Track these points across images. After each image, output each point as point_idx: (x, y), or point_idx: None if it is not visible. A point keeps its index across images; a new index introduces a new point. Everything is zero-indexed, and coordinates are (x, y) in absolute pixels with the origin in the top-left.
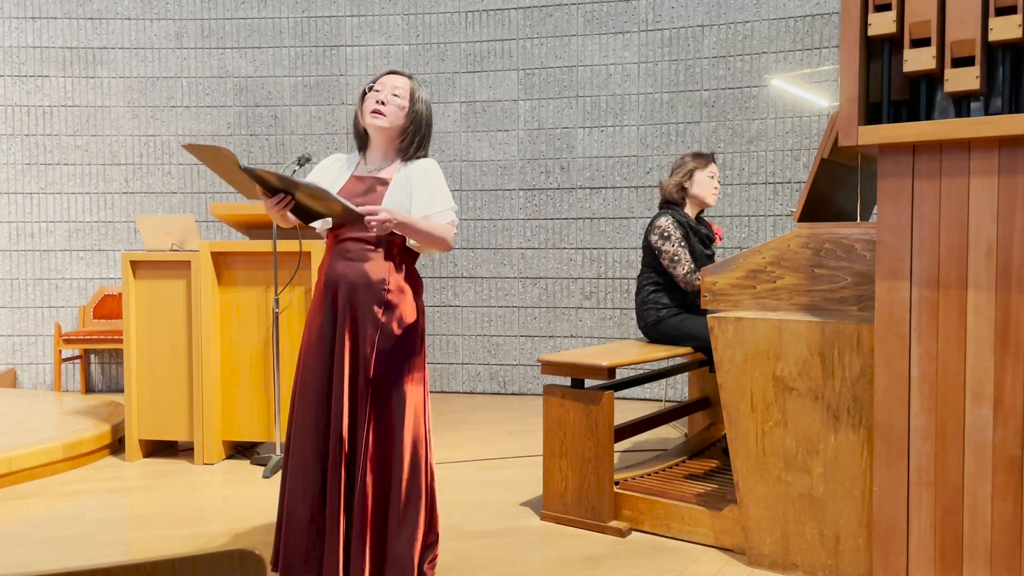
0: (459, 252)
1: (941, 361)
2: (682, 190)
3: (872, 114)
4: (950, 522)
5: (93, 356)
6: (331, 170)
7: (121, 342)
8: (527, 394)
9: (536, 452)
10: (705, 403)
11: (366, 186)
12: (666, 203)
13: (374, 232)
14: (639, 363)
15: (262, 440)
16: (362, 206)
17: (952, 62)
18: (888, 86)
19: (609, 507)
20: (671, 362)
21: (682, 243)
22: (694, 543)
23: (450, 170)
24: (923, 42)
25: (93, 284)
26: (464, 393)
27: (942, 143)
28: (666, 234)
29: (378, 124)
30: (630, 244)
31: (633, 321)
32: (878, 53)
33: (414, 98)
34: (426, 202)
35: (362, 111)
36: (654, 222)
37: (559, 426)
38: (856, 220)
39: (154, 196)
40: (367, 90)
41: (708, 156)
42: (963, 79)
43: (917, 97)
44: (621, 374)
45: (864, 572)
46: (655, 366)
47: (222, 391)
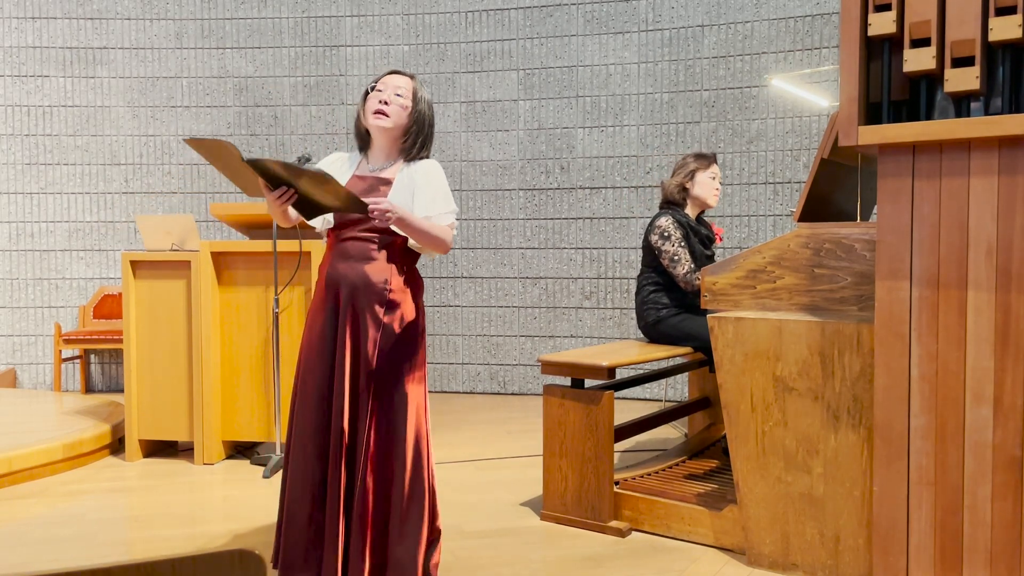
0: (459, 252)
1: (941, 361)
2: (683, 190)
3: (872, 114)
4: (950, 522)
5: (93, 356)
6: (332, 168)
7: (121, 342)
8: (527, 394)
9: (536, 452)
10: (705, 403)
11: (368, 186)
12: (667, 203)
13: (375, 222)
14: (639, 363)
15: (262, 440)
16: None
17: (952, 62)
18: (888, 86)
19: (609, 507)
20: (671, 362)
21: (682, 243)
22: (694, 543)
23: (450, 170)
24: (923, 42)
25: (93, 284)
26: (464, 393)
27: (942, 143)
28: (666, 234)
29: (381, 125)
30: (630, 244)
31: (633, 321)
32: (878, 53)
33: (417, 98)
34: (428, 203)
35: (364, 111)
36: (654, 222)
37: (559, 426)
38: (856, 220)
39: (154, 196)
40: (369, 90)
41: (710, 157)
42: (963, 79)
43: (917, 97)
44: (621, 374)
45: (864, 572)
46: (655, 366)
47: (222, 391)
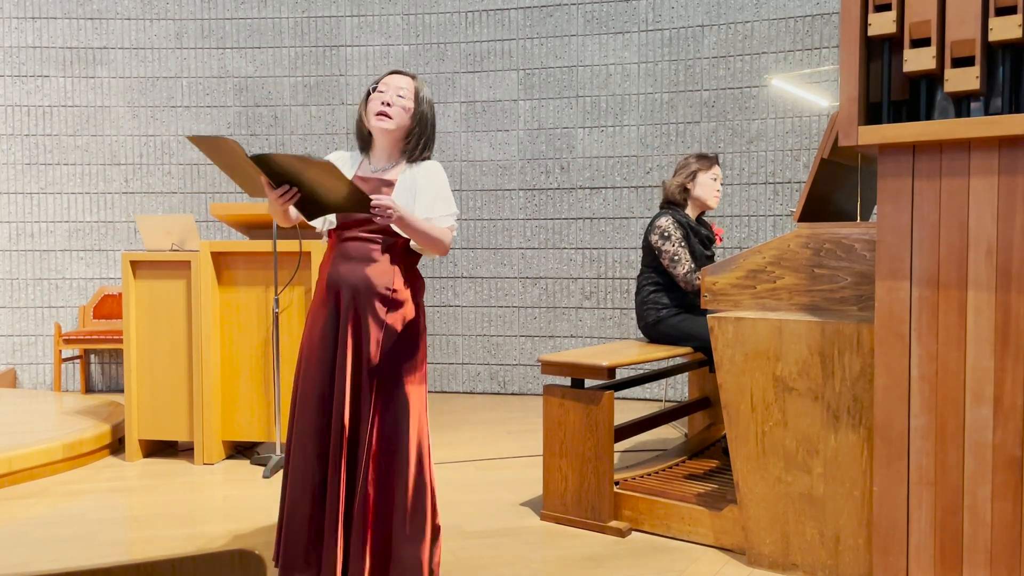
0: (459, 252)
1: (941, 361)
2: (684, 191)
3: (872, 114)
4: (950, 522)
5: (93, 356)
6: None
7: (121, 342)
8: (527, 394)
9: (536, 452)
10: (705, 403)
11: (371, 187)
12: (667, 203)
13: (377, 219)
14: (639, 363)
15: (262, 440)
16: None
17: (952, 62)
18: (888, 86)
19: (609, 507)
20: (671, 362)
21: (682, 243)
22: (694, 543)
23: (450, 170)
24: (923, 42)
25: (93, 284)
26: (464, 393)
27: (942, 143)
28: (666, 234)
29: (384, 127)
30: (630, 244)
31: (633, 321)
32: (878, 53)
33: (419, 99)
34: (429, 204)
35: (366, 112)
36: (654, 222)
37: (559, 426)
38: (856, 220)
39: (154, 196)
40: (371, 91)
41: (712, 158)
42: (963, 79)
43: (917, 97)
44: (621, 374)
45: (864, 572)
46: (655, 366)
47: (222, 391)
